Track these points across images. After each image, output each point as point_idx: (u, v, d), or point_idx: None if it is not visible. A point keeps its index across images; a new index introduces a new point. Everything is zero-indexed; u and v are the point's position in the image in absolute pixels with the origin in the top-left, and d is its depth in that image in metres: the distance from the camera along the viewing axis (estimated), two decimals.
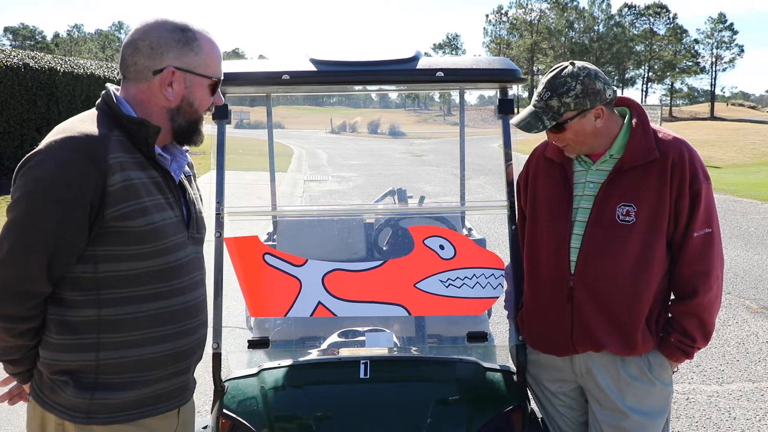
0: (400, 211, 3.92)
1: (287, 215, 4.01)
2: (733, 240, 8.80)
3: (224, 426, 2.05)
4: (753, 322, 5.62)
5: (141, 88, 1.58)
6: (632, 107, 2.05)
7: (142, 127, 1.53)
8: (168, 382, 1.65)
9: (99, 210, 1.46)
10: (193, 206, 1.72)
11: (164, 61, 1.55)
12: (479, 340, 2.48)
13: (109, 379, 1.56)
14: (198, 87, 1.61)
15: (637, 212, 1.93)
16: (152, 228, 1.53)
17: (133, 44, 1.56)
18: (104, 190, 1.45)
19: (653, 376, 2.02)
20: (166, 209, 1.59)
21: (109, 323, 1.53)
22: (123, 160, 1.49)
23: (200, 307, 1.72)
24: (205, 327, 1.77)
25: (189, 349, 1.69)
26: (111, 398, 1.56)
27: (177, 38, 1.56)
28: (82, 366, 1.54)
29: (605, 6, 72.28)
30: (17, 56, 13.10)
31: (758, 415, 3.89)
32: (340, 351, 2.46)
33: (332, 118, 49.46)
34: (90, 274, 1.51)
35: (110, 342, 1.54)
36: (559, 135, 1.96)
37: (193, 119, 1.64)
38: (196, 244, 1.71)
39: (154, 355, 1.59)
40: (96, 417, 1.55)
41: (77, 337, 1.53)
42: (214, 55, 1.63)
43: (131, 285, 1.54)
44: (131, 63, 1.57)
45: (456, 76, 2.16)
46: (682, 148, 1.95)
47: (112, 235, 1.49)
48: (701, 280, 1.94)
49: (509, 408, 2.08)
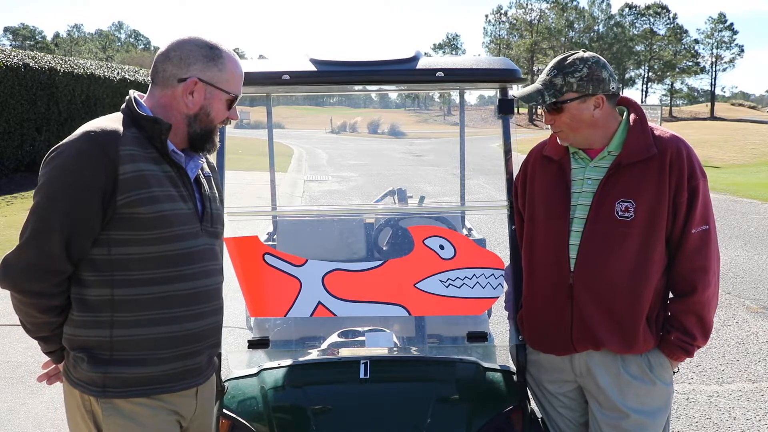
0: (400, 211, 3.92)
1: (287, 215, 4.01)
2: (733, 240, 8.80)
3: (224, 426, 2.06)
4: (753, 322, 5.62)
5: (166, 93, 1.75)
6: (630, 106, 2.06)
7: (155, 124, 1.68)
8: (181, 362, 1.76)
9: (111, 196, 1.62)
10: (209, 202, 1.85)
11: (190, 71, 1.72)
12: (479, 340, 2.48)
13: (123, 355, 1.69)
14: (217, 100, 1.77)
15: (636, 208, 1.93)
16: (161, 216, 1.67)
17: (166, 54, 1.74)
18: (116, 178, 1.61)
19: (654, 376, 2.02)
20: (177, 201, 1.72)
21: (121, 303, 1.67)
22: (135, 153, 1.65)
23: (212, 294, 1.84)
24: (220, 314, 1.89)
25: (200, 333, 1.79)
26: (124, 372, 1.69)
27: (205, 53, 1.74)
28: (98, 342, 1.69)
29: (605, 6, 72.33)
30: (17, 56, 13.11)
31: (758, 415, 3.89)
32: (340, 351, 2.46)
33: (332, 118, 49.51)
34: (105, 257, 1.66)
35: (122, 320, 1.68)
36: (555, 117, 1.98)
37: (208, 128, 1.79)
38: (210, 236, 1.84)
39: (164, 335, 1.72)
40: (112, 390, 1.69)
41: (94, 315, 1.68)
42: (236, 74, 1.80)
43: (141, 268, 1.68)
44: (161, 69, 1.75)
45: (456, 76, 2.16)
46: (679, 144, 1.96)
47: (124, 221, 1.64)
48: (700, 276, 1.95)
49: (509, 408, 2.08)
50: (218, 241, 1.91)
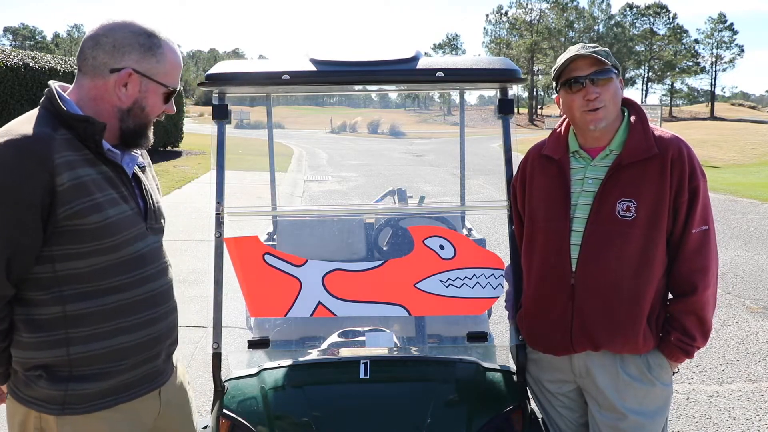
0: (400, 211, 3.92)
1: (287, 215, 4.01)
2: (733, 240, 8.80)
3: (224, 426, 2.05)
4: (753, 322, 5.62)
5: (95, 84, 1.58)
6: (630, 106, 2.07)
7: (87, 125, 1.53)
8: (141, 368, 1.68)
9: (51, 210, 1.47)
10: (149, 197, 1.73)
11: (124, 61, 1.56)
12: (479, 340, 2.48)
13: (83, 371, 1.58)
14: (152, 93, 1.63)
15: (637, 208, 1.93)
16: (108, 223, 1.54)
17: (96, 38, 1.57)
18: (53, 190, 1.46)
19: (653, 377, 2.02)
20: (120, 203, 1.59)
21: (74, 318, 1.55)
22: (70, 159, 1.49)
23: (167, 294, 1.76)
24: (174, 312, 1.81)
25: (159, 336, 1.72)
26: (85, 389, 1.59)
27: (142, 42, 1.58)
28: (55, 361, 1.57)
29: (605, 6, 72.31)
30: (17, 56, 13.11)
31: (758, 415, 3.89)
32: (340, 351, 2.46)
33: (332, 118, 49.51)
34: (50, 274, 1.53)
35: (78, 336, 1.56)
36: (603, 89, 1.93)
37: (141, 123, 1.65)
38: (155, 234, 1.73)
39: (123, 345, 1.62)
40: (71, 407, 1.58)
41: (46, 335, 1.55)
42: (176, 66, 1.66)
43: (92, 280, 1.56)
44: (90, 56, 1.57)
45: (456, 76, 2.15)
46: (680, 144, 1.96)
47: (67, 234, 1.50)
48: (700, 277, 1.95)
49: (509, 408, 2.08)
50: (162, 236, 1.79)
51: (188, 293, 5.99)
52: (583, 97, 1.94)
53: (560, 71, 1.98)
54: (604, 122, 1.96)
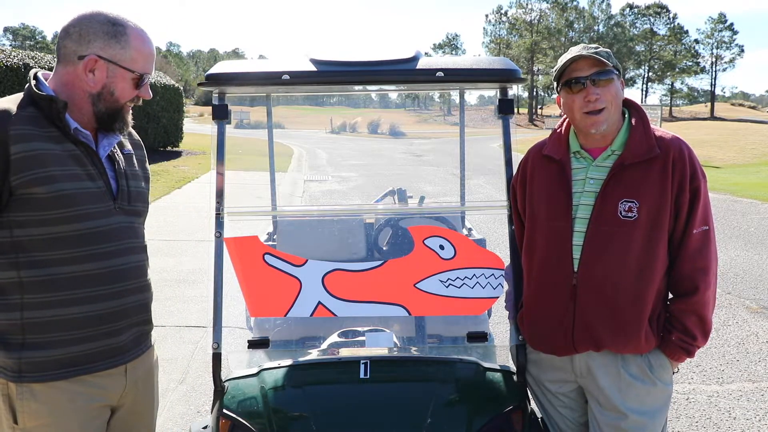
0: (400, 211, 3.92)
1: (287, 215, 4.01)
2: (733, 240, 8.80)
3: (224, 426, 2.05)
4: (753, 322, 5.62)
5: (68, 70, 1.72)
6: (631, 107, 2.07)
7: (51, 102, 1.66)
8: (99, 342, 1.75)
9: (4, 177, 1.61)
10: (125, 180, 1.83)
11: (89, 49, 1.69)
12: (479, 340, 2.48)
13: (35, 339, 1.68)
14: (120, 78, 1.73)
15: (639, 208, 1.93)
16: (60, 195, 1.65)
17: (66, 29, 1.71)
18: (7, 159, 1.60)
19: (654, 376, 2.02)
20: (83, 179, 1.70)
21: (29, 284, 1.66)
22: (29, 133, 1.63)
23: (133, 272, 1.83)
24: (146, 292, 1.90)
25: (122, 311, 1.79)
26: (38, 356, 1.67)
27: (106, 30, 1.70)
28: (8, 326, 1.67)
29: (605, 6, 72.33)
30: (17, 56, 13.10)
31: (758, 415, 3.89)
32: (340, 351, 2.46)
33: (332, 118, 49.51)
34: (7, 239, 1.65)
35: (33, 302, 1.67)
36: (603, 90, 1.94)
37: (113, 107, 1.76)
38: (127, 215, 1.83)
39: (78, 315, 1.70)
40: (28, 375, 1.67)
41: (3, 298, 1.67)
42: (142, 51, 1.76)
43: (48, 249, 1.66)
44: (62, 46, 1.72)
45: (456, 76, 2.15)
46: (681, 145, 1.97)
47: (21, 202, 1.63)
48: (701, 276, 1.95)
49: (509, 408, 2.08)
50: (140, 219, 1.90)
51: (188, 293, 5.99)
52: (584, 98, 1.94)
53: (561, 72, 1.98)
54: (605, 125, 1.96)
